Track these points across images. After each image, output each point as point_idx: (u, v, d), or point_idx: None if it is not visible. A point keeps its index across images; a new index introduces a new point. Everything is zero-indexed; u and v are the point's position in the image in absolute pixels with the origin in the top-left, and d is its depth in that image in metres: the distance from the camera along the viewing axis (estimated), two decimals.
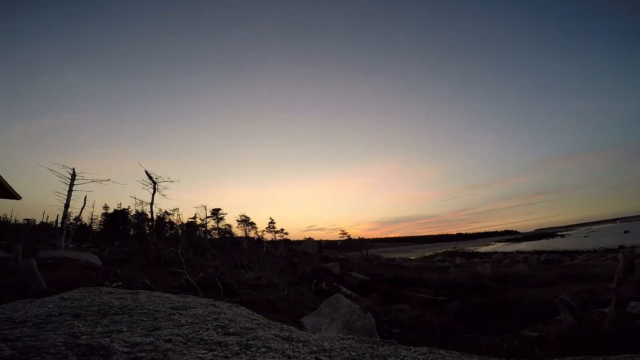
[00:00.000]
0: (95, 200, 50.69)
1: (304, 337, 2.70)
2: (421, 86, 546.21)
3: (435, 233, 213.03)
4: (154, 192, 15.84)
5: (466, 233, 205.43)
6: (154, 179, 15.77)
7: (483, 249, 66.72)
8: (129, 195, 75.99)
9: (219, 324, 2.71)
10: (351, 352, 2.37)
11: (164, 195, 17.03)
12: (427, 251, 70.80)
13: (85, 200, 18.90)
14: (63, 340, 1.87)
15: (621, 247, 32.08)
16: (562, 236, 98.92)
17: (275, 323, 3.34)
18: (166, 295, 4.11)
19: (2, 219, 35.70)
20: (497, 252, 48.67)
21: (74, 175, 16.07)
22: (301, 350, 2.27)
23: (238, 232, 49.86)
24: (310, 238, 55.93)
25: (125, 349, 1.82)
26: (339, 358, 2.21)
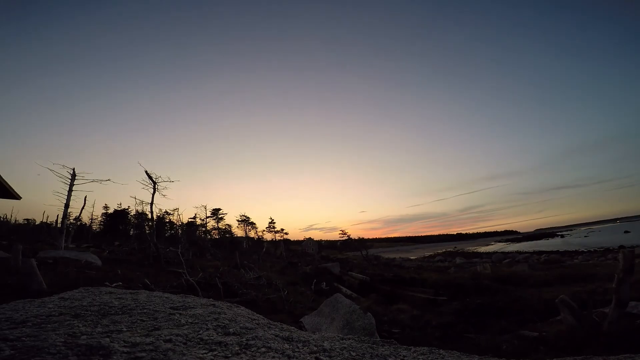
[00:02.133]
0: (95, 200, 50.93)
1: (304, 337, 2.69)
2: (424, 84, 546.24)
3: (437, 233, 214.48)
4: (154, 192, 15.79)
5: (466, 233, 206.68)
6: (154, 179, 15.74)
7: (483, 249, 66.67)
8: (129, 195, 76.06)
9: (219, 324, 2.71)
10: (351, 352, 2.36)
11: (164, 195, 17.03)
12: (427, 251, 70.79)
13: (85, 200, 18.96)
14: (63, 340, 1.87)
15: (621, 247, 32.11)
16: (562, 236, 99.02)
17: (275, 323, 3.34)
18: (166, 295, 4.11)
19: (2, 219, 35.66)
20: (497, 252, 48.71)
21: (74, 175, 16.07)
22: (301, 350, 2.27)
23: (238, 232, 49.86)
24: (310, 238, 55.96)
25: (125, 349, 1.82)
26: (339, 358, 2.21)
